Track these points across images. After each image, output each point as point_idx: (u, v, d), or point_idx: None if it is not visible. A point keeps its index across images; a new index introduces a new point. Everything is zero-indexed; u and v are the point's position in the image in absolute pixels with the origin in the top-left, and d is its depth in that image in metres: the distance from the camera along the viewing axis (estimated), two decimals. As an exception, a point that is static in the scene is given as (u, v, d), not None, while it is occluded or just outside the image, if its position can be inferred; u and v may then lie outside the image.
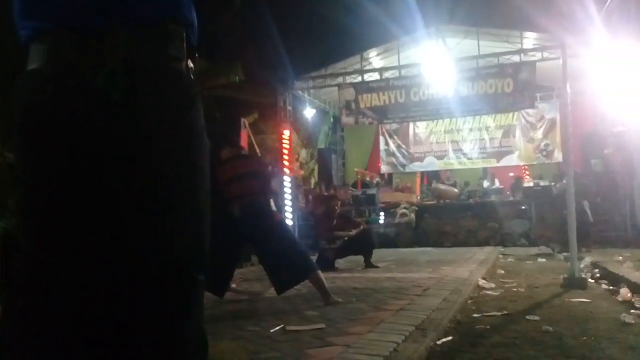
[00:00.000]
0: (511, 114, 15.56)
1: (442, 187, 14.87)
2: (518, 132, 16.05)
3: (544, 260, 8.46)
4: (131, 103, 1.18)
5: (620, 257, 7.56)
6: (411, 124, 16.64)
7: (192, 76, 1.31)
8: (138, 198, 1.20)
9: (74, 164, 1.17)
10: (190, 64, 1.31)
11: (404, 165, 17.29)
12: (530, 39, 12.83)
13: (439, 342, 3.21)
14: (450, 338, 3.34)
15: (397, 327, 3.43)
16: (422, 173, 17.76)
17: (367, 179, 16.66)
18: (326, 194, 12.80)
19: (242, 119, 10.48)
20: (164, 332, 1.20)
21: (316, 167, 16.69)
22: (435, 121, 16.16)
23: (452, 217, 12.95)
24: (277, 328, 3.56)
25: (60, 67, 1.18)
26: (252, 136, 10.11)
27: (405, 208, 13.05)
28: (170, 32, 1.25)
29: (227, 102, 11.52)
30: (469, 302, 4.69)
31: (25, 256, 1.20)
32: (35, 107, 1.18)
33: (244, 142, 8.56)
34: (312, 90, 15.10)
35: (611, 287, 5.41)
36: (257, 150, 5.41)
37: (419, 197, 15.65)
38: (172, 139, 1.23)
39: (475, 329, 3.62)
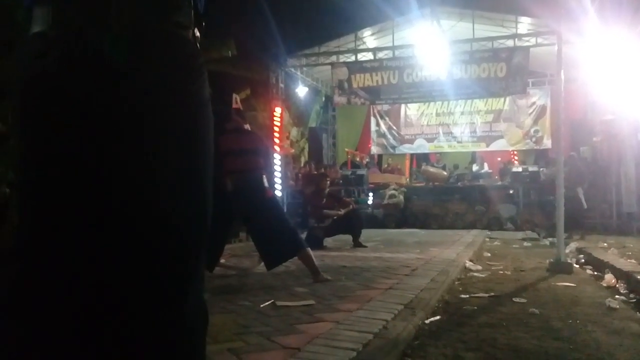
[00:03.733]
0: (502, 99, 15.60)
1: (431, 169, 14.94)
2: (508, 117, 16.10)
3: (529, 244, 8.55)
4: (136, 69, 1.16)
5: (605, 244, 7.66)
6: (403, 106, 16.63)
7: (198, 45, 1.29)
8: (140, 168, 1.18)
9: (76, 131, 1.15)
10: (197, 33, 1.29)
11: (394, 147, 17.31)
12: (524, 24, 12.81)
13: (427, 321, 3.24)
14: (438, 317, 3.38)
15: (386, 306, 3.47)
16: (412, 155, 17.82)
17: (357, 159, 16.68)
18: (316, 172, 12.81)
19: (234, 95, 10.40)
20: (164, 303, 1.19)
21: (307, 146, 16.66)
22: (427, 103, 16.17)
23: (440, 199, 13.03)
24: (267, 303, 3.58)
25: (65, 31, 1.15)
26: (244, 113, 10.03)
27: (394, 189, 13.11)
28: None
29: (219, 77, 11.39)
30: (456, 283, 4.73)
31: (21, 222, 1.19)
32: (38, 72, 1.15)
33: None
34: (304, 68, 15.01)
35: (596, 273, 5.49)
36: (250, 127, 5.37)
37: (408, 179, 15.73)
38: (175, 108, 1.21)
39: (463, 310, 3.66)
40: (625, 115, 10.79)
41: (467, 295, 4.16)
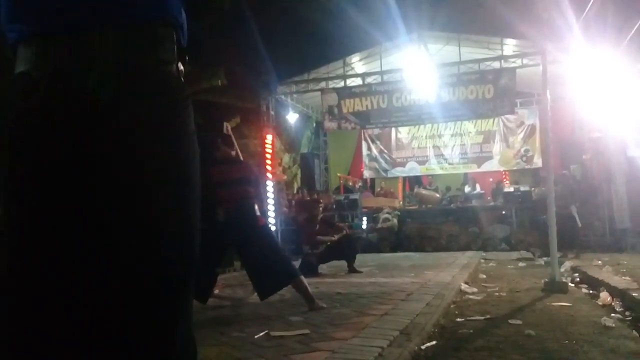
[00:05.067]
0: (491, 120, 15.72)
1: (424, 192, 14.98)
2: (498, 138, 16.22)
3: (524, 264, 8.54)
4: (120, 107, 1.17)
5: (599, 262, 7.66)
6: (393, 129, 16.73)
7: (182, 79, 1.30)
8: (127, 202, 1.18)
9: (62, 169, 1.15)
10: (181, 67, 1.30)
11: (386, 170, 17.36)
12: (510, 46, 12.98)
13: (423, 347, 3.22)
14: (434, 342, 3.36)
15: (381, 332, 3.44)
16: (405, 178, 17.86)
17: (350, 183, 16.70)
18: (308, 198, 12.80)
19: (225, 124, 10.43)
20: (153, 336, 1.18)
21: (299, 172, 16.67)
22: (417, 126, 16.27)
23: (434, 222, 13.02)
24: (261, 334, 3.54)
25: (49, 71, 1.16)
26: (234, 141, 10.05)
27: (387, 213, 13.10)
28: (160, 34, 1.24)
29: (209, 106, 11.44)
30: (452, 306, 4.71)
31: (10, 258, 1.18)
32: (23, 112, 1.16)
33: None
34: (294, 95, 15.10)
35: (591, 291, 5.49)
36: (240, 155, 5.38)
37: (401, 202, 15.73)
38: (161, 142, 1.22)
39: (459, 333, 3.64)
40: (613, 132, 10.89)
41: (463, 319, 4.14)
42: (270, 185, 12.21)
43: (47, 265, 1.14)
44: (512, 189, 13.26)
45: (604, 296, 4.85)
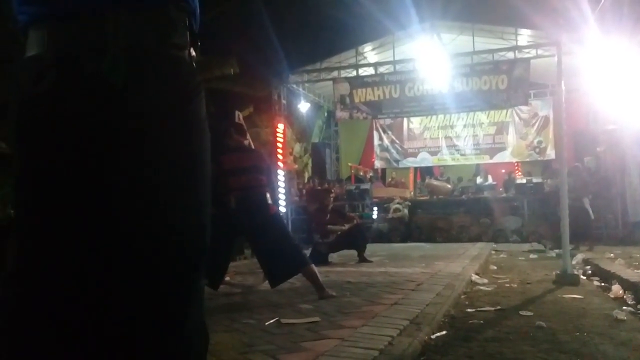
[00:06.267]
0: (505, 111, 15.60)
1: (435, 182, 14.92)
2: (511, 129, 16.10)
3: (535, 256, 8.49)
4: (132, 91, 1.16)
5: (611, 254, 7.61)
6: (405, 120, 16.66)
7: (194, 65, 1.29)
8: (137, 188, 1.18)
9: (73, 154, 1.15)
10: (193, 53, 1.29)
11: (397, 161, 17.30)
12: (524, 36, 12.87)
13: (433, 337, 3.22)
14: (444, 332, 3.35)
15: (391, 321, 3.44)
16: (416, 169, 17.79)
17: (361, 173, 16.68)
18: (319, 188, 12.81)
19: (237, 112, 10.43)
20: (165, 322, 1.18)
21: (310, 161, 16.67)
22: (430, 117, 16.18)
23: (445, 212, 13.00)
24: (271, 321, 3.55)
25: (61, 54, 1.15)
26: (246, 130, 10.04)
27: (398, 203, 13.08)
28: (173, 18, 1.23)
29: (222, 95, 11.45)
30: (462, 297, 4.70)
31: (19, 246, 1.18)
32: (34, 96, 1.15)
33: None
34: (306, 84, 15.08)
35: (603, 284, 5.45)
36: (252, 144, 5.38)
37: (412, 193, 15.69)
38: (173, 128, 1.21)
39: (469, 324, 3.63)
40: (628, 124, 10.77)
41: (474, 309, 4.13)
42: (281, 174, 12.24)
43: (57, 251, 1.14)
44: (524, 181, 13.19)
45: (616, 289, 4.81)
